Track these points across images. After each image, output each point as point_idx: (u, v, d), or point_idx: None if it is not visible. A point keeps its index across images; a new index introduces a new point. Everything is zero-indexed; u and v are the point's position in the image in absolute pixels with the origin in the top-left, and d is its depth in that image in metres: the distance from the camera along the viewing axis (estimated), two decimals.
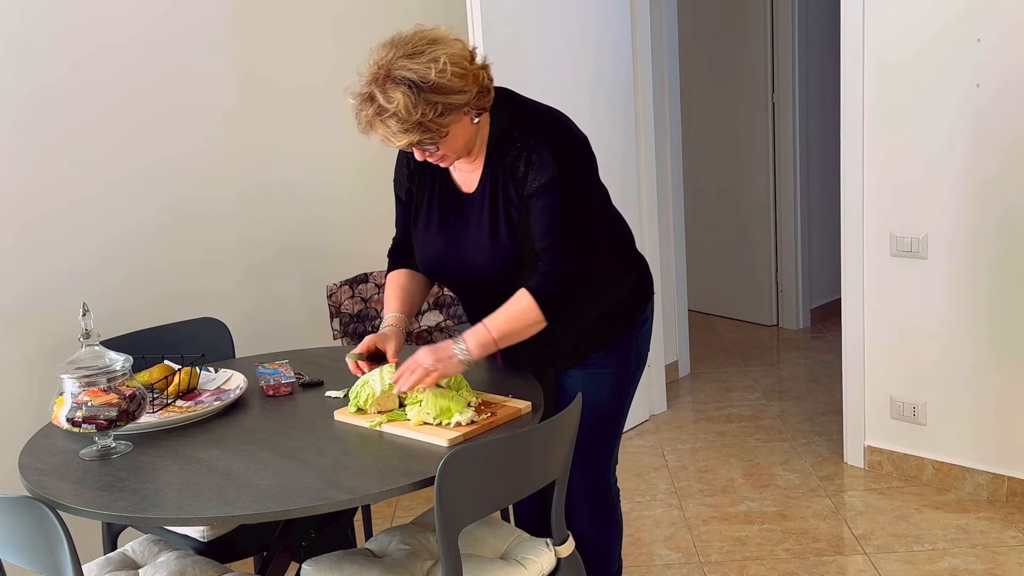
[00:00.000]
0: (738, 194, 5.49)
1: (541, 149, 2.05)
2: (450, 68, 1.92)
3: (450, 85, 1.93)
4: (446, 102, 1.93)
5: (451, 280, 2.28)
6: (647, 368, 4.19)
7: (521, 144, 2.07)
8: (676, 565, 3.06)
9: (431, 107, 1.91)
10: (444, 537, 1.76)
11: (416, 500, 3.50)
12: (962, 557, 2.99)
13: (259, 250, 3.41)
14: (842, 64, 3.43)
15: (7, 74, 2.77)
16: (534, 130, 2.08)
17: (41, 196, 2.86)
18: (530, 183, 2.06)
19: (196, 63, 3.18)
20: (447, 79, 1.92)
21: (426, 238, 2.23)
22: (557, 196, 2.05)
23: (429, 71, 1.91)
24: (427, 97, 1.91)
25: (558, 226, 2.06)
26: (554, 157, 2.04)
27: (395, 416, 2.01)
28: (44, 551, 1.73)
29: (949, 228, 3.28)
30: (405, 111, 1.90)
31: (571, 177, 2.07)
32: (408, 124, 1.92)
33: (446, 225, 2.19)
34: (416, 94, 1.90)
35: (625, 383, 2.34)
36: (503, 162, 2.10)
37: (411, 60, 1.92)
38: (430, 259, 2.24)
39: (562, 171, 2.05)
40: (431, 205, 2.21)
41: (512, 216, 2.10)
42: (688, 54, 5.10)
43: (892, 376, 3.52)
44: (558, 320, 2.09)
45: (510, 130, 2.09)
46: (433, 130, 1.95)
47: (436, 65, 1.91)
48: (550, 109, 2.17)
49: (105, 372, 1.94)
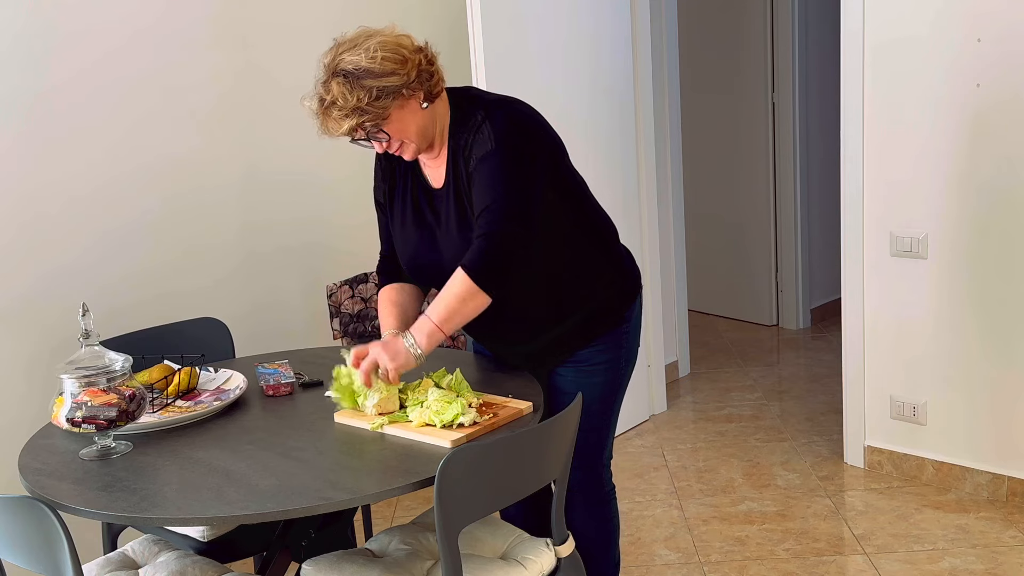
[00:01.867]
0: (738, 194, 5.49)
1: (484, 127, 2.09)
2: (380, 53, 2.02)
3: (381, 69, 2.01)
4: (379, 85, 2.01)
5: (430, 276, 2.28)
6: (647, 368, 4.22)
7: (470, 127, 2.12)
8: (676, 565, 3.06)
9: (366, 92, 2.01)
10: (444, 537, 1.76)
11: (416, 500, 3.50)
12: (962, 557, 2.99)
13: (259, 250, 3.41)
14: (842, 64, 3.43)
15: (8, 75, 2.78)
16: (481, 111, 2.12)
17: (41, 196, 2.86)
18: (473, 159, 2.09)
19: (194, 62, 3.18)
20: (377, 63, 2.01)
21: (403, 236, 2.26)
22: (492, 168, 2.06)
23: (360, 59, 2.01)
24: (361, 83, 2.01)
25: (490, 198, 2.05)
26: (494, 131, 2.08)
27: (396, 418, 2.01)
28: (44, 551, 1.73)
29: (949, 228, 3.28)
30: (342, 98, 2.00)
31: (511, 152, 2.07)
32: (346, 110, 2.01)
33: (420, 221, 2.22)
34: (351, 81, 2.00)
35: (616, 379, 2.35)
36: (460, 150, 2.13)
37: (349, 53, 2.03)
38: (409, 257, 2.26)
39: (501, 145, 2.07)
40: (404, 203, 2.25)
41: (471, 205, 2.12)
42: (688, 54, 5.10)
43: (892, 376, 3.52)
44: (502, 291, 2.06)
45: (464, 120, 2.14)
46: (371, 112, 2.02)
47: (367, 53, 2.02)
48: (506, 97, 2.19)
49: (105, 372, 1.94)
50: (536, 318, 2.23)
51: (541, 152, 2.14)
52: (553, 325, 2.24)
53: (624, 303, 2.33)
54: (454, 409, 1.95)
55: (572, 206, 2.23)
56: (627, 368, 2.37)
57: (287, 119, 3.44)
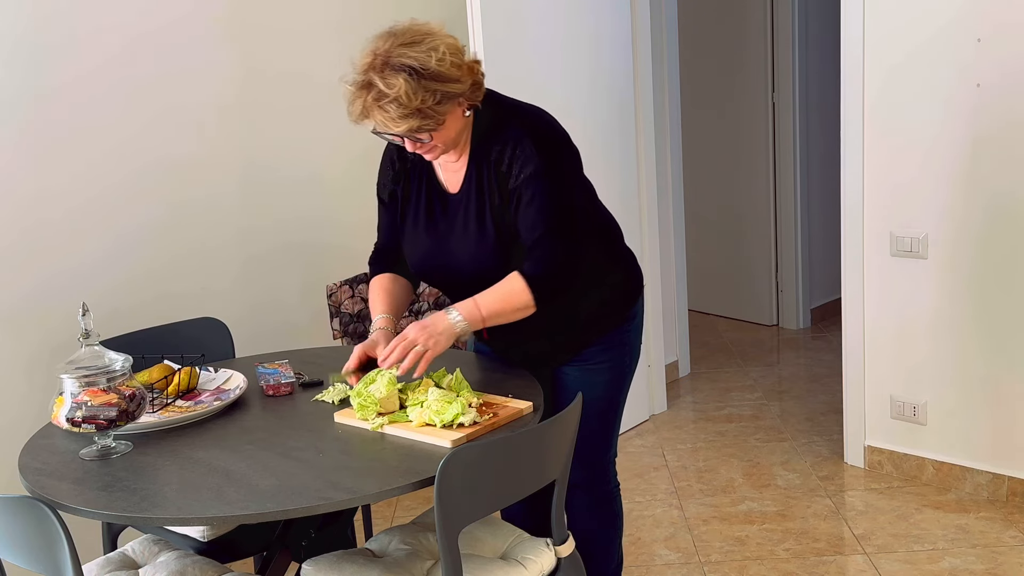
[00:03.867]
0: (738, 194, 5.49)
1: (525, 142, 2.09)
2: (449, 57, 1.98)
3: (448, 74, 1.98)
4: (444, 90, 1.98)
5: (439, 279, 2.30)
6: (647, 368, 4.22)
7: (505, 139, 2.11)
8: (676, 565, 3.06)
9: (430, 94, 1.96)
10: (444, 537, 1.76)
11: (416, 500, 3.50)
12: (962, 557, 2.99)
13: (258, 249, 3.40)
14: (842, 64, 3.43)
15: (9, 77, 2.77)
16: (517, 125, 2.12)
17: (41, 197, 2.86)
18: (515, 176, 2.09)
19: (194, 64, 3.18)
20: (446, 68, 1.97)
21: (414, 239, 2.26)
22: (543, 187, 2.08)
23: (429, 58, 1.96)
24: (427, 84, 1.95)
25: (547, 216, 2.08)
26: (538, 149, 2.08)
27: (396, 418, 2.01)
28: (44, 551, 1.73)
29: (949, 228, 3.28)
30: (406, 96, 1.94)
31: (556, 169, 2.11)
32: (408, 110, 1.96)
33: (432, 225, 2.22)
34: (416, 80, 1.95)
35: (621, 376, 2.37)
36: (487, 159, 2.12)
37: (410, 48, 1.96)
38: (419, 259, 2.27)
39: (547, 163, 2.09)
40: (418, 206, 2.24)
41: (497, 214, 2.13)
42: (688, 54, 5.09)
43: (892, 376, 3.52)
44: (545, 307, 2.11)
45: (494, 128, 2.13)
46: (431, 117, 1.98)
47: (436, 53, 1.96)
48: (532, 106, 2.20)
49: (105, 372, 1.94)
50: (547, 317, 2.23)
51: (575, 166, 2.19)
52: (563, 324, 2.25)
53: (629, 302, 2.35)
54: (454, 409, 1.95)
55: (585, 210, 2.25)
56: (631, 365, 2.39)
57: (287, 119, 3.44)
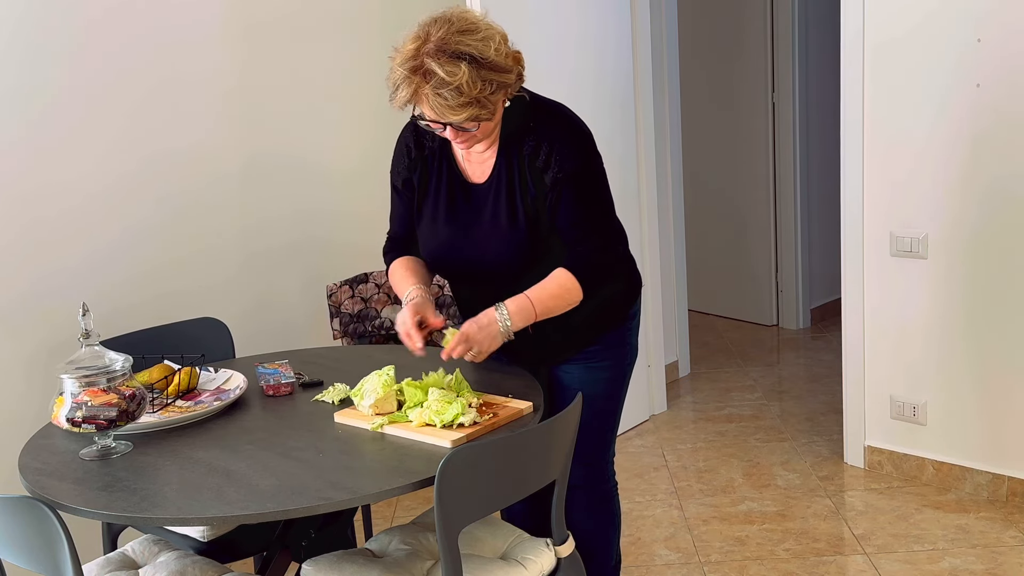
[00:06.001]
0: (738, 194, 5.49)
1: (564, 140, 2.11)
2: (505, 48, 1.99)
3: (504, 64, 1.98)
4: (499, 80, 1.98)
5: (459, 270, 2.28)
6: (647, 368, 4.22)
7: (540, 134, 2.11)
8: (676, 565, 3.06)
9: (487, 84, 1.96)
10: (444, 537, 1.76)
11: (416, 500, 3.50)
12: (962, 557, 2.99)
13: (259, 249, 3.41)
14: (842, 64, 3.43)
15: (8, 75, 2.77)
16: (554, 122, 2.14)
17: (40, 196, 2.86)
18: (553, 172, 2.10)
19: (194, 60, 3.18)
20: (502, 58, 1.98)
21: (432, 229, 2.24)
22: (584, 185, 2.13)
23: (488, 48, 1.95)
24: (485, 74, 1.95)
25: (588, 214, 2.14)
26: (577, 149, 2.12)
27: (396, 418, 2.01)
28: (44, 551, 1.73)
29: (949, 228, 3.28)
30: (467, 85, 1.93)
31: (594, 168, 2.17)
32: (467, 98, 1.94)
33: (454, 215, 2.20)
34: (476, 69, 1.94)
35: (620, 375, 2.37)
36: (519, 152, 2.13)
37: (467, 36, 1.95)
38: (437, 249, 2.25)
39: (587, 162, 2.14)
40: (437, 196, 2.22)
41: (529, 205, 2.13)
42: (688, 54, 5.09)
43: (892, 376, 3.52)
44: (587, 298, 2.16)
45: (527, 120, 2.13)
46: (486, 107, 1.98)
47: (493, 43, 1.97)
48: (561, 104, 2.23)
49: (105, 372, 1.94)
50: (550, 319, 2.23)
51: (602, 163, 2.23)
52: (564, 325, 2.25)
53: (629, 301, 2.36)
54: (454, 409, 1.95)
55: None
56: (630, 364, 2.40)
57: (287, 117, 3.44)
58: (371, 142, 2.48)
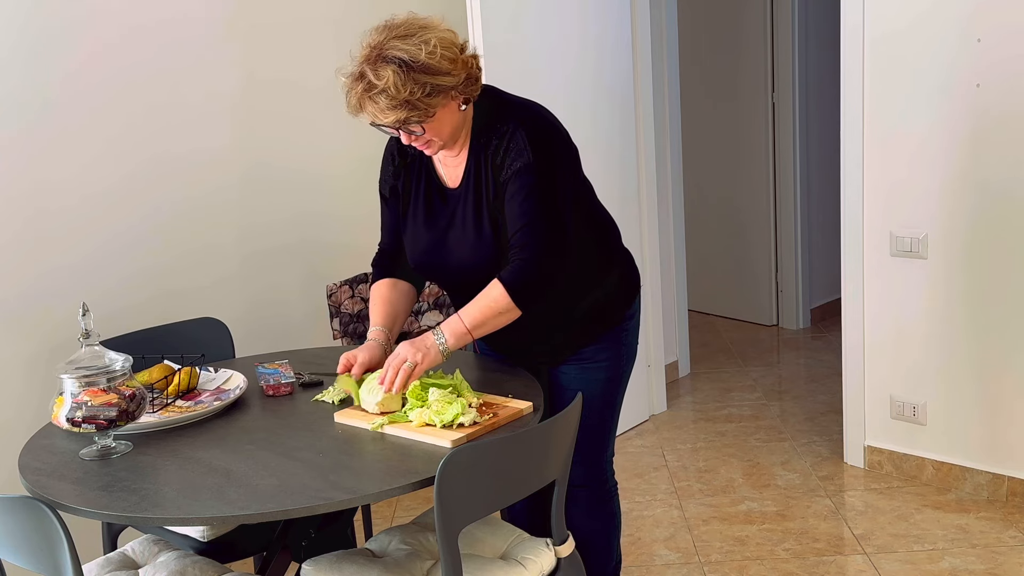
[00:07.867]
0: (738, 194, 5.49)
1: (518, 135, 2.09)
2: (439, 51, 1.99)
3: (438, 66, 1.99)
4: (434, 83, 1.99)
5: (439, 275, 2.31)
6: (647, 368, 4.22)
7: (501, 132, 2.11)
8: (676, 565, 3.06)
9: (419, 86, 1.97)
10: (444, 537, 1.76)
11: (416, 500, 3.50)
12: (962, 557, 2.99)
13: (258, 249, 3.41)
14: (842, 64, 3.43)
15: (8, 74, 2.77)
16: (513, 118, 2.12)
17: (40, 195, 2.86)
18: (506, 169, 2.09)
19: (195, 61, 3.18)
20: (436, 60, 1.98)
21: (414, 234, 2.26)
22: (531, 183, 2.08)
23: (420, 51, 1.97)
24: (416, 76, 1.97)
25: (531, 214, 2.08)
26: (530, 143, 2.09)
27: (397, 418, 2.01)
28: (44, 551, 1.73)
29: (949, 228, 3.28)
30: (394, 88, 1.96)
31: (547, 166, 2.10)
32: (396, 101, 1.97)
33: (432, 220, 2.22)
34: (405, 72, 1.96)
35: (618, 375, 2.38)
36: (485, 152, 2.13)
37: (402, 41, 1.98)
38: (418, 255, 2.27)
39: (537, 158, 2.08)
40: (417, 201, 2.25)
41: (492, 209, 2.13)
42: (688, 54, 5.09)
43: (892, 376, 3.52)
44: (533, 308, 2.12)
45: (492, 122, 2.13)
46: (420, 108, 2.00)
47: (427, 47, 1.98)
48: (532, 102, 2.21)
49: (105, 372, 1.94)
50: (546, 318, 2.24)
51: (569, 165, 2.18)
52: (561, 325, 2.26)
53: (627, 301, 2.36)
54: (454, 409, 1.95)
55: (583, 210, 2.26)
56: (628, 364, 2.40)
57: (287, 117, 3.44)
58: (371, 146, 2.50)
